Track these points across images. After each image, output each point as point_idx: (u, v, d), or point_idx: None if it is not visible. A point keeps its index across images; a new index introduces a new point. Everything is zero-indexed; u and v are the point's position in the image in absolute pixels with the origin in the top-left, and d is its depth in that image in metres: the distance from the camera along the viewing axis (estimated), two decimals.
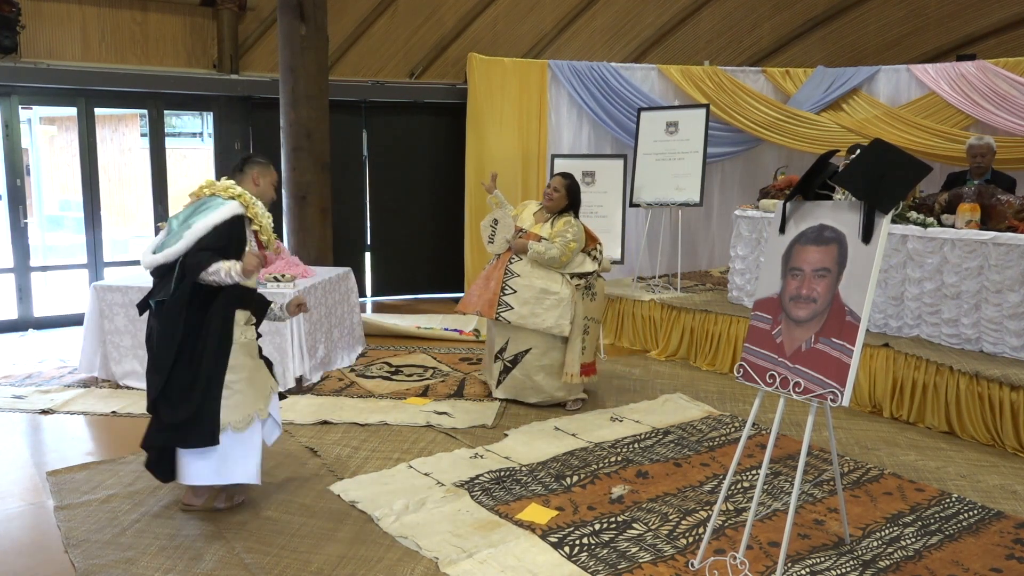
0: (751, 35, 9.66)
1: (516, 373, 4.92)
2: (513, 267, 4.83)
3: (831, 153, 3.08)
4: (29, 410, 4.88)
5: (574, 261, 4.84)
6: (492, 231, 4.98)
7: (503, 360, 4.96)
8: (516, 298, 4.76)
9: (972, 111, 7.68)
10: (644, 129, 7.55)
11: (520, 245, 4.84)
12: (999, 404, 4.36)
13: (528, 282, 4.77)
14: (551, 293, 4.74)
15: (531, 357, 4.86)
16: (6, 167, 7.22)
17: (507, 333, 4.89)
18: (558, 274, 4.80)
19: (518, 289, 4.77)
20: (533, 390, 4.92)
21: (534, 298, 4.74)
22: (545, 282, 4.76)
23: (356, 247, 8.70)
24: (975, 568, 3.04)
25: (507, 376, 4.96)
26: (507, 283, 4.81)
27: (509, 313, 4.75)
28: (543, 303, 4.73)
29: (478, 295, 4.91)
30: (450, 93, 8.73)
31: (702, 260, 9.13)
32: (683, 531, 3.32)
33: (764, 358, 2.92)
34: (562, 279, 4.79)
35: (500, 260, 4.93)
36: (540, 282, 4.76)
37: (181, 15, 7.80)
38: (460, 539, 3.22)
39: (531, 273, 4.79)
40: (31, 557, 3.13)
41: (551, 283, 4.76)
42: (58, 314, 7.56)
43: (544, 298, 4.74)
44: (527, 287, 4.76)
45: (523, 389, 4.93)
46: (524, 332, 4.81)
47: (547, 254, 4.73)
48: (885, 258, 5.00)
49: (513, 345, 4.89)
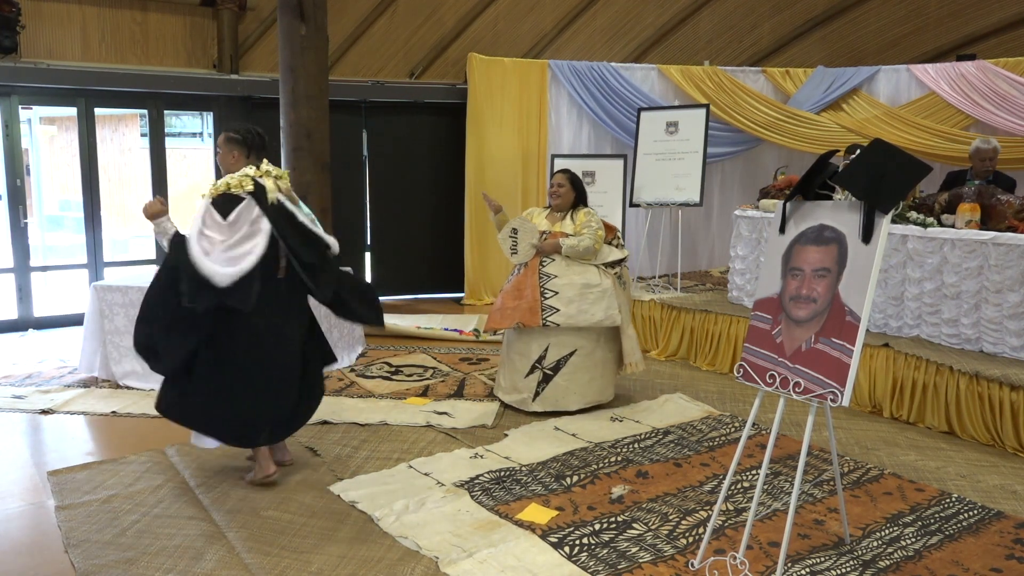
0: (751, 35, 9.66)
1: (559, 380, 4.75)
2: (547, 269, 4.74)
3: (831, 153, 3.08)
4: (29, 410, 4.88)
5: (602, 252, 4.82)
6: (514, 241, 4.84)
7: (542, 369, 4.76)
8: (559, 299, 4.66)
9: (972, 111, 7.68)
10: (644, 129, 7.55)
11: (551, 245, 4.75)
12: (999, 404, 4.36)
13: (568, 280, 4.69)
14: (593, 286, 4.69)
15: (576, 359, 4.75)
16: (6, 167, 7.22)
17: (546, 340, 4.74)
18: (593, 267, 4.75)
19: (559, 290, 4.68)
20: (577, 395, 4.78)
21: (578, 295, 4.67)
22: (584, 277, 4.70)
23: (356, 247, 8.69)
24: (975, 568, 3.04)
25: (547, 386, 4.77)
26: (545, 287, 4.69)
27: (556, 316, 4.63)
28: (587, 298, 4.67)
29: (512, 307, 4.71)
30: (450, 93, 8.73)
31: (702, 260, 9.13)
32: (683, 531, 3.32)
33: (764, 358, 2.92)
34: (599, 271, 4.76)
35: (529, 267, 4.79)
36: (579, 278, 4.70)
37: (181, 15, 7.80)
38: (460, 539, 3.22)
39: (568, 271, 4.72)
40: (31, 557, 3.14)
41: (590, 277, 4.71)
42: (58, 314, 7.56)
43: (587, 293, 4.68)
44: (568, 285, 4.68)
45: (566, 395, 4.77)
46: (567, 335, 4.71)
47: (580, 245, 4.68)
48: (885, 258, 5.00)
49: (555, 351, 4.74)
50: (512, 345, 4.92)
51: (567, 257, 4.75)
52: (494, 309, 4.87)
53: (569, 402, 4.80)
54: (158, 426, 4.60)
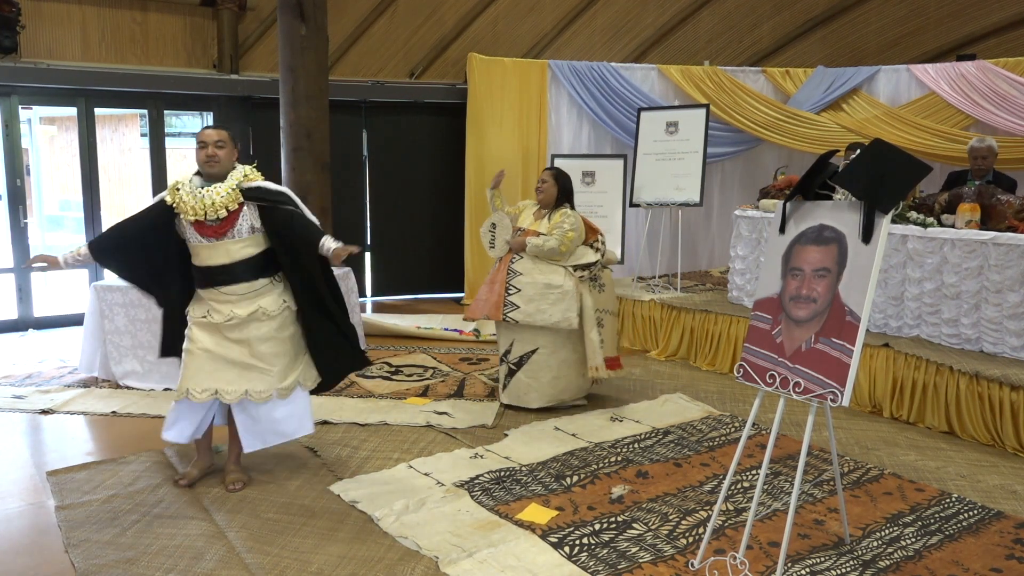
0: (751, 35, 9.66)
1: (521, 376, 4.84)
2: (515, 266, 4.81)
3: (831, 153, 3.08)
4: (29, 410, 4.88)
5: (575, 253, 4.81)
6: (492, 236, 4.96)
7: (508, 363, 4.90)
8: (521, 296, 4.73)
9: (972, 111, 7.68)
10: (644, 129, 7.55)
11: (518, 243, 4.83)
12: (999, 404, 4.36)
13: (531, 279, 4.74)
14: (554, 287, 4.71)
15: (539, 357, 4.80)
16: (6, 167, 7.22)
17: (512, 335, 4.85)
18: (560, 268, 4.77)
19: (522, 287, 4.74)
20: (538, 393, 4.84)
21: (539, 294, 4.71)
22: (548, 277, 4.73)
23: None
24: (975, 568, 3.04)
25: (511, 380, 4.89)
26: (511, 283, 4.77)
27: (515, 313, 4.72)
28: (548, 298, 4.70)
29: (484, 299, 4.86)
30: (450, 93, 8.73)
31: (702, 260, 9.12)
32: (683, 531, 3.32)
33: (764, 358, 2.92)
34: (564, 272, 4.76)
35: (502, 262, 4.89)
36: (543, 277, 4.73)
37: (181, 15, 7.80)
38: (460, 539, 3.22)
39: (533, 270, 4.76)
40: (31, 557, 3.14)
41: (554, 277, 4.73)
42: (58, 314, 7.56)
43: (548, 293, 4.71)
44: (530, 284, 4.73)
45: (527, 392, 4.85)
46: (531, 332, 4.78)
47: (545, 246, 4.72)
48: (885, 258, 5.00)
49: (519, 346, 4.84)
50: (499, 335, 5.07)
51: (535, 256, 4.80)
52: (475, 299, 5.03)
53: (530, 399, 4.86)
54: (158, 426, 4.57)
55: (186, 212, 3.48)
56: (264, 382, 3.58)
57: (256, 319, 3.55)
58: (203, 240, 3.49)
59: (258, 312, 3.55)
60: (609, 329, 4.96)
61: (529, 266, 4.78)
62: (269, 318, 3.57)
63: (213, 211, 3.45)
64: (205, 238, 3.48)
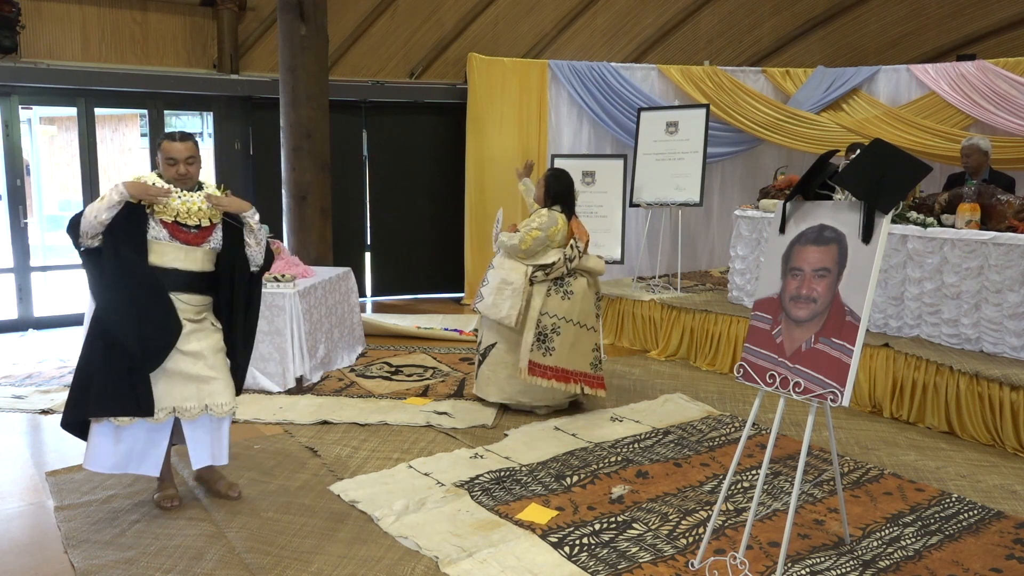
0: (751, 35, 9.66)
1: (484, 368, 4.91)
2: (494, 260, 4.94)
3: (831, 153, 3.07)
4: (29, 410, 4.88)
5: (541, 253, 4.75)
6: (496, 230, 5.09)
7: (478, 353, 5.00)
8: (488, 288, 4.85)
9: (972, 111, 7.68)
10: (644, 129, 7.55)
11: (493, 236, 4.98)
12: (999, 404, 4.36)
13: (496, 274, 4.84)
14: (508, 283, 4.77)
15: (496, 353, 4.85)
16: (6, 167, 7.22)
17: (484, 327, 4.95)
18: (521, 266, 4.78)
19: (489, 281, 4.86)
20: (495, 388, 4.86)
21: (496, 288, 4.80)
22: (508, 273, 4.79)
23: (356, 247, 8.70)
24: (975, 568, 3.04)
25: (479, 371, 4.96)
26: (487, 274, 4.91)
27: (480, 303, 4.85)
28: (503, 293, 4.77)
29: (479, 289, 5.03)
30: (450, 93, 8.73)
31: (702, 260, 9.13)
32: (683, 531, 3.32)
33: (764, 358, 2.92)
34: (524, 272, 4.77)
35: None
36: (504, 273, 4.80)
37: (181, 15, 7.80)
38: (460, 539, 3.22)
39: (503, 265, 4.85)
40: (31, 557, 3.14)
41: (512, 275, 4.77)
42: (58, 314, 7.56)
43: (504, 288, 4.77)
44: (495, 278, 4.83)
45: (487, 385, 4.89)
46: (491, 326, 4.87)
47: (508, 242, 4.79)
48: (885, 258, 5.00)
49: (485, 338, 4.93)
50: None
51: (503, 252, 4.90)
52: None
53: (488, 392, 4.90)
54: None
55: (165, 213, 3.31)
56: (224, 395, 3.42)
57: (208, 328, 3.45)
58: (175, 241, 3.34)
59: (207, 322, 3.46)
60: (571, 340, 4.65)
61: (502, 260, 4.88)
62: (216, 330, 3.48)
63: (199, 217, 3.35)
64: (178, 240, 3.33)
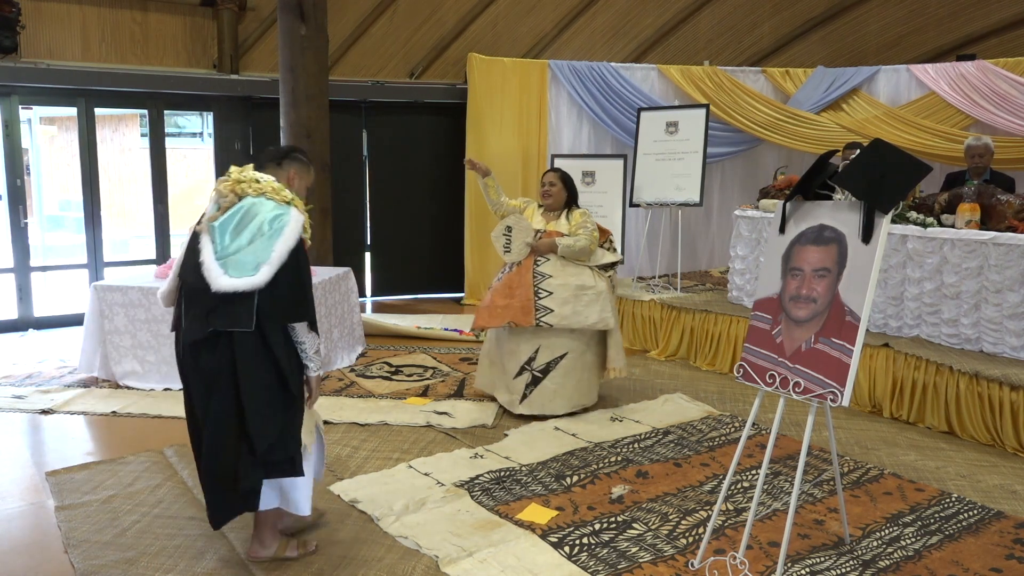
0: (751, 35, 9.66)
1: (547, 383, 4.66)
2: (542, 269, 4.66)
3: (831, 153, 3.07)
4: (29, 410, 4.88)
5: (596, 254, 4.78)
6: (507, 239, 4.73)
7: (531, 371, 4.67)
8: (554, 299, 4.58)
9: (972, 111, 7.68)
10: (644, 129, 7.55)
11: (547, 244, 4.68)
12: (999, 404, 4.36)
13: (563, 281, 4.63)
14: (588, 288, 4.64)
15: (567, 362, 4.67)
16: (6, 167, 7.22)
17: (537, 341, 4.66)
18: (587, 269, 4.71)
19: (554, 290, 4.61)
20: (564, 399, 4.70)
21: (573, 296, 4.61)
22: (579, 278, 4.66)
23: (356, 247, 8.70)
24: (975, 568, 3.04)
25: (535, 389, 4.68)
26: (539, 286, 4.61)
27: (550, 316, 4.55)
28: (582, 300, 4.61)
29: (503, 306, 4.61)
30: (450, 93, 8.73)
31: (702, 260, 9.13)
32: (683, 531, 3.32)
33: (764, 358, 2.92)
34: (593, 273, 4.71)
35: (522, 266, 4.69)
36: (574, 279, 4.64)
37: (181, 15, 7.80)
38: (460, 539, 3.22)
39: (563, 272, 4.65)
40: (31, 557, 3.14)
41: (585, 279, 4.67)
42: (58, 314, 7.56)
43: (582, 294, 4.62)
44: (563, 286, 4.61)
45: (553, 399, 4.68)
46: (559, 336, 4.65)
47: (577, 245, 4.63)
48: (885, 258, 5.00)
49: (545, 352, 4.65)
50: (502, 344, 4.84)
51: (562, 257, 4.70)
52: (482, 307, 4.77)
53: (556, 406, 4.71)
54: (158, 426, 4.61)
55: None
56: None
57: None
58: None
59: None
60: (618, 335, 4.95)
61: (558, 268, 4.67)
62: None
63: None
64: None
